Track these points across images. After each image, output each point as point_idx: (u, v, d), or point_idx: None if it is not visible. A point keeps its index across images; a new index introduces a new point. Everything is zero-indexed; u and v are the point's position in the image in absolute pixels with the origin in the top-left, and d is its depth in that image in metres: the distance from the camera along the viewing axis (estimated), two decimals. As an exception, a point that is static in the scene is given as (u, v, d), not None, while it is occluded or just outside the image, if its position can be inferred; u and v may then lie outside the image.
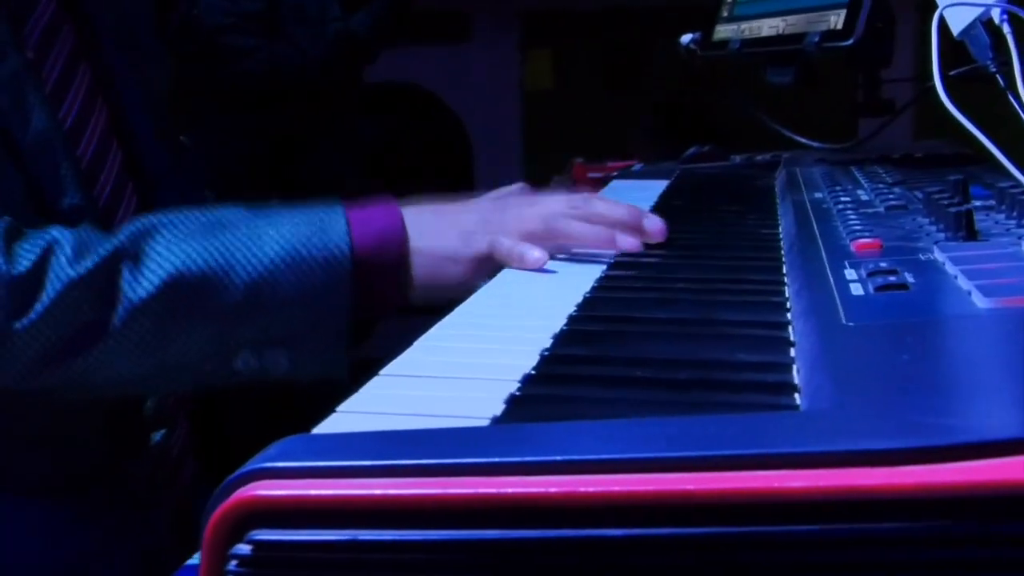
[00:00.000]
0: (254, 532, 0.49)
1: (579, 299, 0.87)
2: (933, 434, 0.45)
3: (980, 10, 1.15)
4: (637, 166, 1.72)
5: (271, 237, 1.00)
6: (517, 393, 0.62)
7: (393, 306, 1.07)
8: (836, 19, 1.29)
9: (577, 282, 0.93)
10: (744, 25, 1.46)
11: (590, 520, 0.46)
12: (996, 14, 1.14)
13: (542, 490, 0.47)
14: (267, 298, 0.99)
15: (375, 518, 0.48)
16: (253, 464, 0.51)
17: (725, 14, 1.51)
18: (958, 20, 1.17)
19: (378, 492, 0.49)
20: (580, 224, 1.05)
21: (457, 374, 0.69)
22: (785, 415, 0.54)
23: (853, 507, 0.43)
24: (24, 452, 1.09)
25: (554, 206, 1.07)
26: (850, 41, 1.27)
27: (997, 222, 0.93)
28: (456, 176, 4.43)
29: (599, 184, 1.96)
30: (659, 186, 1.48)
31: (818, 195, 1.17)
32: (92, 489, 1.12)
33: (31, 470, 1.10)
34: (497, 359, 0.71)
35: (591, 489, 0.46)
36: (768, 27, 1.41)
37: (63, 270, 0.97)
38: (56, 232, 0.99)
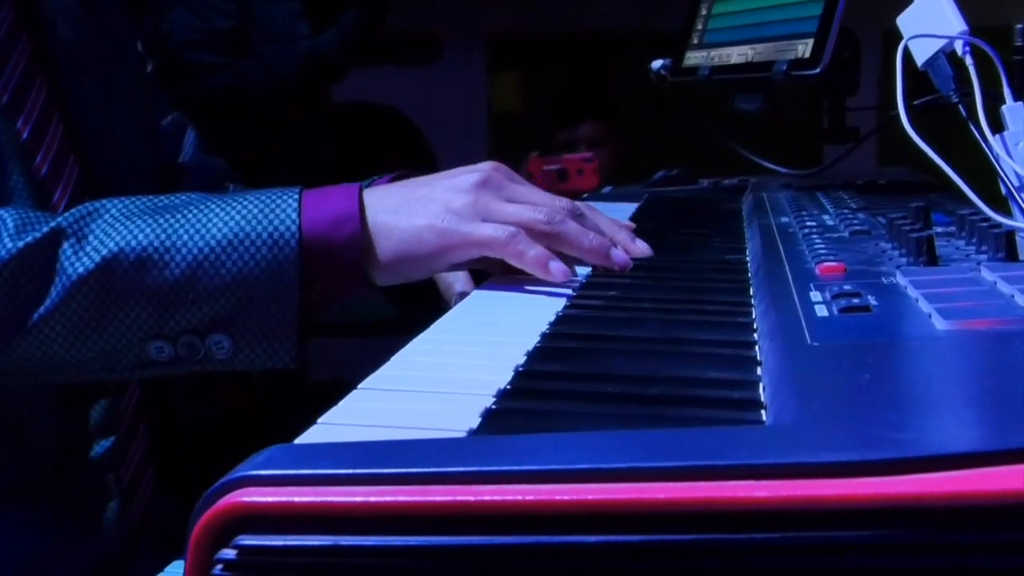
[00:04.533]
0: (239, 537, 0.51)
1: (551, 318, 0.89)
2: (891, 447, 0.47)
3: (943, 42, 1.18)
4: (607, 188, 1.75)
5: (219, 217, 0.98)
6: (493, 407, 0.64)
7: (355, 289, 1.04)
8: (804, 48, 1.32)
9: (548, 301, 0.95)
10: (714, 52, 1.49)
11: (563, 527, 0.48)
12: (959, 46, 1.18)
13: (518, 498, 0.49)
14: (208, 278, 0.97)
15: (356, 524, 0.50)
16: (238, 472, 0.52)
17: (695, 41, 1.54)
18: (922, 51, 1.20)
19: (359, 499, 0.50)
20: (583, 233, 1.02)
21: (433, 388, 0.71)
22: (751, 429, 0.56)
23: (813, 516, 0.45)
24: None
25: (558, 203, 1.03)
26: (817, 70, 1.30)
27: (958, 248, 0.95)
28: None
29: (555, 177, 1.98)
30: (628, 209, 1.50)
31: (784, 219, 1.20)
32: (39, 495, 1.12)
33: None
34: (472, 374, 0.72)
35: (565, 497, 0.48)
36: (737, 55, 1.44)
37: (2, 244, 0.97)
38: (1, 211, 0.99)
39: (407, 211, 1.01)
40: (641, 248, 1.08)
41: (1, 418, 1.10)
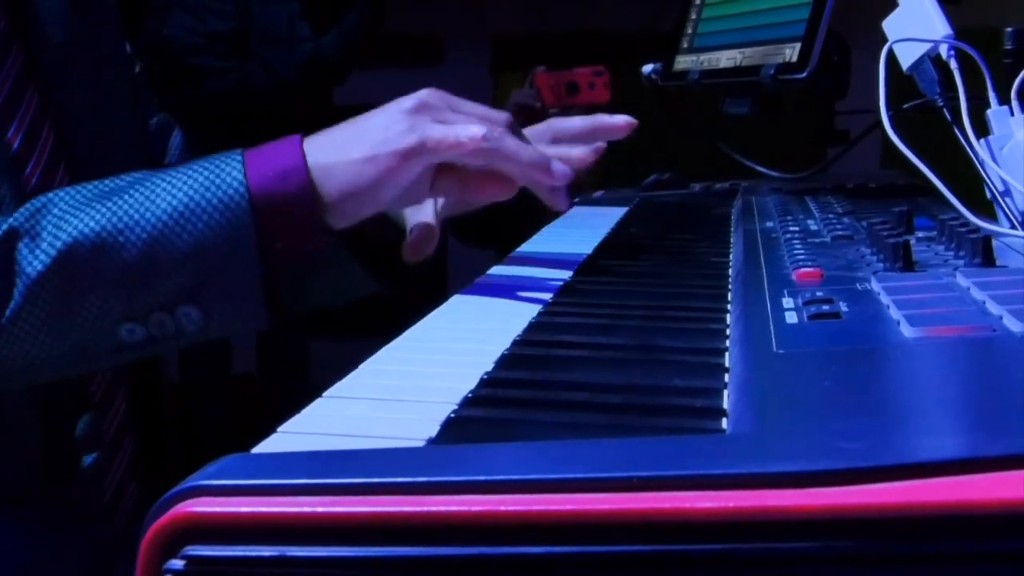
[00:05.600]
0: (188, 548, 0.50)
1: (525, 325, 0.88)
2: (844, 457, 0.46)
3: (928, 46, 1.18)
4: (598, 193, 1.74)
5: (166, 191, 0.98)
6: (452, 416, 0.64)
7: (316, 239, 1.01)
8: (791, 52, 1.32)
9: (524, 308, 0.94)
10: (703, 56, 1.49)
11: (511, 538, 0.47)
12: (944, 50, 1.17)
13: (465, 508, 0.48)
14: (167, 252, 0.96)
15: (303, 535, 0.50)
16: (190, 482, 0.52)
17: (685, 45, 1.53)
18: (907, 55, 1.20)
19: (306, 510, 0.50)
20: (520, 147, 1.01)
21: (398, 397, 0.70)
22: (704, 438, 0.56)
23: (763, 527, 0.45)
24: None
25: (496, 116, 1.03)
26: (804, 74, 1.29)
27: (937, 253, 0.95)
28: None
29: (564, 90, 1.95)
30: (618, 213, 1.50)
31: (769, 224, 1.19)
32: (24, 507, 1.12)
33: None
34: (438, 382, 0.72)
35: (512, 508, 0.47)
36: (726, 59, 1.43)
37: None
38: None
39: (345, 148, 1.00)
40: (582, 153, 1.09)
41: None
